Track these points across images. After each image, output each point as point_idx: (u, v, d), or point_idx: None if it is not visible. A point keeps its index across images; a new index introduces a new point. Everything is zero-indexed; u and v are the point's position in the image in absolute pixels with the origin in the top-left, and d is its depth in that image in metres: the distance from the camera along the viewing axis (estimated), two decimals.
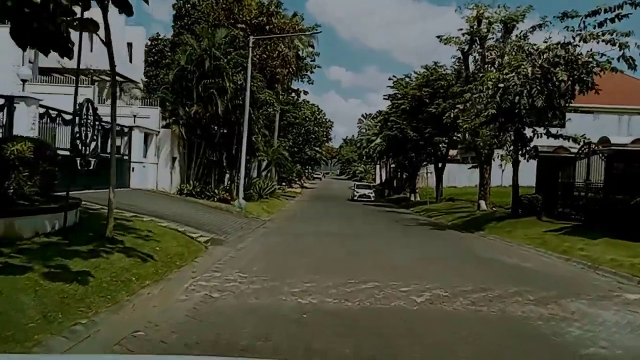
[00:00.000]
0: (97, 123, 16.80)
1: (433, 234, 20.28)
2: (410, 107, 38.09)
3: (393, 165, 59.83)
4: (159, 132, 22.99)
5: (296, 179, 59.92)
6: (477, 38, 27.42)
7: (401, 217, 28.15)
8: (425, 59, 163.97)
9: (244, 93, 22.01)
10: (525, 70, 18.11)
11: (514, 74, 18.47)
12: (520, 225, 19.03)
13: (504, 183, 46.81)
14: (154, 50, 25.28)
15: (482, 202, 27.13)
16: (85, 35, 7.03)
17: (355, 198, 42.44)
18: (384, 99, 45.81)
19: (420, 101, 35.97)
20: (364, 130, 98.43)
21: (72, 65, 11.28)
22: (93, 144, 16.02)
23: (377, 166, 79.23)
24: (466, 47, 28.33)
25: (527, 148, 20.98)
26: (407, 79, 43.68)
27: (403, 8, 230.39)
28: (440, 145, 37.23)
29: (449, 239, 18.73)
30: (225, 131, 25.03)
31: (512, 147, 21.95)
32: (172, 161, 23.78)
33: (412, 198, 44.07)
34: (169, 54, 25.87)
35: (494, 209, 27.44)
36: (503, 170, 39.11)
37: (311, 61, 51.54)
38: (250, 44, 21.80)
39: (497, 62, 23.46)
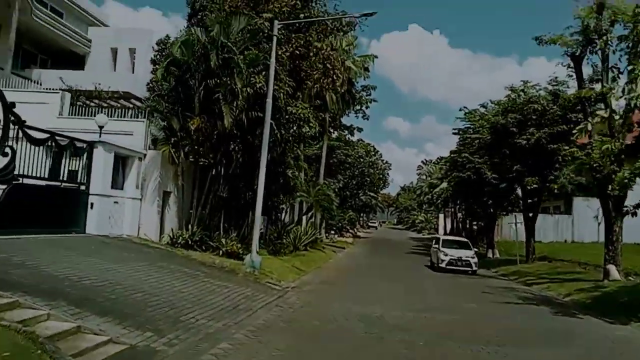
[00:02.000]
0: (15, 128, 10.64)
1: (566, 325, 12.06)
2: (490, 140, 30.09)
3: (461, 214, 51.05)
4: (144, 155, 16.43)
5: (348, 227, 52.26)
6: (595, 35, 19.54)
7: (488, 284, 19.89)
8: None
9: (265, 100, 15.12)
10: None
11: None
12: None
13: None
14: (161, 54, 19.13)
15: (613, 268, 18.41)
16: None
17: (444, 266, 23.34)
18: (453, 133, 38.00)
19: (505, 132, 27.92)
20: (424, 177, 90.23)
21: None
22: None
23: (441, 215, 70.21)
24: (578, 50, 20.49)
25: None
26: (482, 109, 35.93)
27: (462, 59, 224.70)
28: (530, 187, 28.70)
29: (605, 340, 10.51)
30: (246, 157, 18.19)
31: None
32: (164, 197, 17.06)
33: (490, 255, 35.24)
34: None
35: (629, 278, 18.67)
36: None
37: (367, 95, 45.14)
38: (275, 31, 15.05)
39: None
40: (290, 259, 20.15)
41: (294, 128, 18.50)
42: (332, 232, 43.29)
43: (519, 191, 33.47)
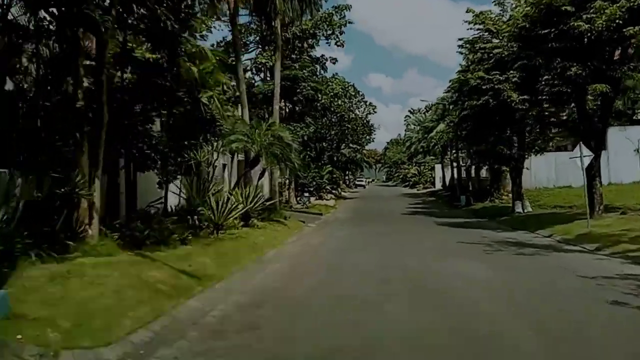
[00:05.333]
0: None
1: None
2: (523, 32, 19.78)
3: (467, 161, 41.31)
4: None
5: (329, 188, 42.41)
6: None
7: (572, 268, 10.15)
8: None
9: None
10: None
11: None
12: None
13: None
14: None
15: None
16: None
17: None
18: (459, 46, 27.66)
19: (550, 17, 17.60)
20: (412, 127, 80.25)
21: None
22: None
23: (438, 166, 60.53)
24: None
25: None
26: (496, 9, 25.74)
27: (443, 9, 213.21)
28: (591, 105, 18.74)
29: None
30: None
31: None
32: None
33: (519, 209, 25.64)
34: None
35: None
36: None
37: (340, 18, 34.49)
38: None
39: None
40: (187, 254, 10.13)
41: None
42: (306, 194, 33.40)
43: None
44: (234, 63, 20.81)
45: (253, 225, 16.20)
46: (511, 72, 23.19)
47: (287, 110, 33.19)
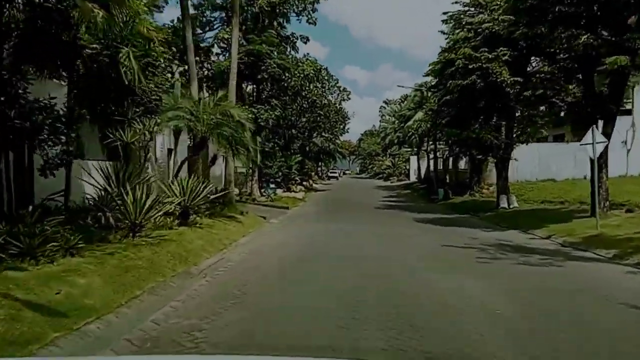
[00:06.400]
0: None
1: None
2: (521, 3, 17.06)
3: (445, 152, 38.72)
4: None
5: (298, 179, 39.30)
6: None
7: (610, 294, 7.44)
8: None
9: None
10: None
11: None
12: None
13: None
14: None
15: None
16: None
17: None
18: (442, 21, 24.79)
19: None
20: (387, 117, 77.74)
21: None
22: None
23: (413, 157, 58.01)
24: None
25: None
26: None
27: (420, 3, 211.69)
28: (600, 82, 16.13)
29: None
30: None
31: None
32: None
33: (504, 203, 23.08)
34: None
35: None
36: None
37: None
38: None
39: None
40: (66, 271, 6.86)
41: None
42: (272, 186, 30.25)
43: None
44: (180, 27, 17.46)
45: (194, 223, 13.04)
46: (501, 49, 20.53)
47: (254, 93, 29.89)
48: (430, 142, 41.47)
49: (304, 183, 44.22)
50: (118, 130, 12.91)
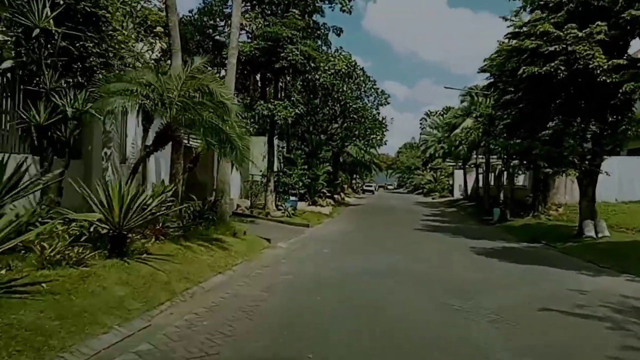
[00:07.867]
0: None
1: None
2: None
3: (500, 165, 32.88)
4: None
5: (325, 192, 34.32)
6: None
7: None
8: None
9: None
10: None
11: None
12: None
13: None
14: None
15: None
16: None
17: None
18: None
19: None
20: (429, 129, 72.21)
21: None
22: None
23: (458, 171, 52.06)
24: None
25: None
26: None
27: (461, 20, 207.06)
28: None
29: None
30: None
31: None
32: None
33: (591, 232, 17.36)
34: None
35: None
36: None
37: None
38: None
39: None
40: None
41: None
42: (293, 198, 25.41)
43: None
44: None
45: (139, 253, 8.27)
46: (597, 23, 15.17)
47: (271, 87, 25.27)
48: (480, 155, 35.75)
49: (335, 196, 39.23)
50: (31, 107, 8.45)
